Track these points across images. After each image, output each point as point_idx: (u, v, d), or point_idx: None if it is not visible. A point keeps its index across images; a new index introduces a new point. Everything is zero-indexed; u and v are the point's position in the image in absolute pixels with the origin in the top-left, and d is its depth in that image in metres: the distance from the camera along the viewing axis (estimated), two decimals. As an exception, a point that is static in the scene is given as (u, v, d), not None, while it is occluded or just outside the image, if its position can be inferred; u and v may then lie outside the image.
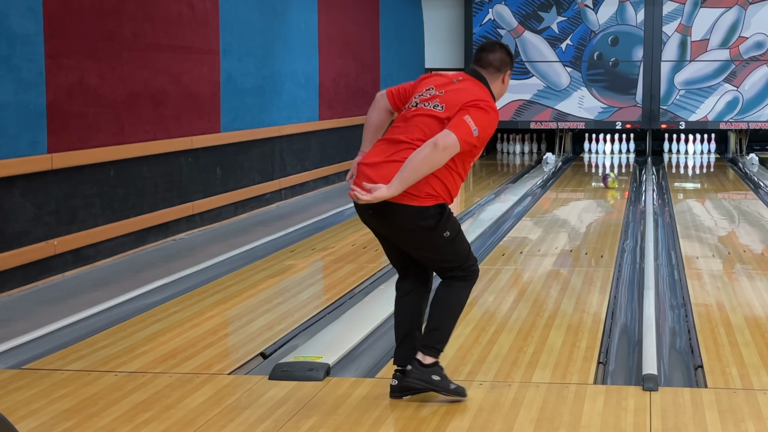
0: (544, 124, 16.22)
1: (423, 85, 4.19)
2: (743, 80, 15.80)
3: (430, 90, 4.13)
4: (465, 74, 4.21)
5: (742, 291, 6.27)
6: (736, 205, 10.72)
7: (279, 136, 10.77)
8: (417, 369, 4.07)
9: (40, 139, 6.70)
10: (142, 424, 3.94)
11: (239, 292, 6.37)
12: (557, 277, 6.69)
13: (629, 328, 5.44)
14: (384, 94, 4.30)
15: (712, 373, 4.54)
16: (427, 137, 3.95)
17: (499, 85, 4.23)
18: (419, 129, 4.02)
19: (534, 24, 16.05)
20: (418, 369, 4.07)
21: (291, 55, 11.12)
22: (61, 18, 6.87)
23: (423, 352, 4.08)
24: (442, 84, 4.14)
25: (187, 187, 8.72)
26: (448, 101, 4.05)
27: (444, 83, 4.15)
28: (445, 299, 4.11)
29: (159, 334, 5.31)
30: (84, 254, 7.18)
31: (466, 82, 4.14)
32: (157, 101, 8.23)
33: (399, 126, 4.11)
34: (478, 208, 10.15)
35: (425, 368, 4.07)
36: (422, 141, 3.96)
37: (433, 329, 4.10)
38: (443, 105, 4.05)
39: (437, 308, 4.12)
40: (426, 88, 4.15)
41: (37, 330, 5.35)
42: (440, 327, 4.10)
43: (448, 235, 4.03)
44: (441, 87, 4.12)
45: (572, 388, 4.31)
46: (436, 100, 4.09)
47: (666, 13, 15.87)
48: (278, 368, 4.53)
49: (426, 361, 4.07)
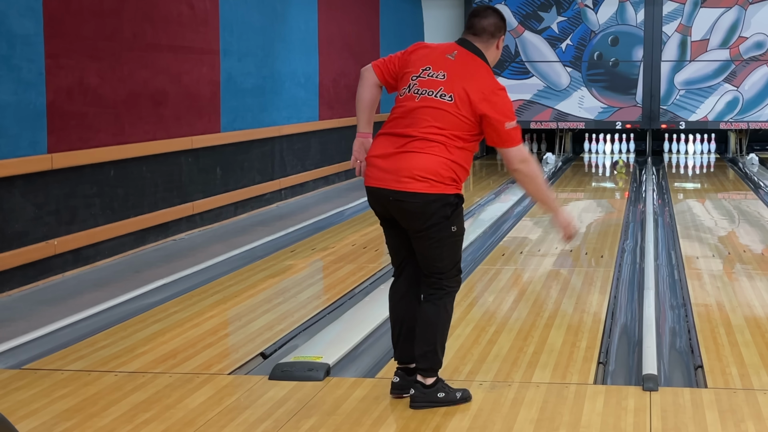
0: (544, 124, 16.22)
1: (416, 62, 4.03)
2: (743, 80, 15.79)
3: (428, 71, 3.99)
4: (457, 46, 4.05)
5: (742, 291, 6.27)
6: (736, 205, 10.72)
7: (279, 136, 10.78)
8: (421, 392, 4.03)
9: (40, 139, 6.70)
10: (142, 424, 3.94)
11: (239, 292, 6.37)
12: (557, 277, 6.69)
13: (629, 328, 5.44)
14: (370, 69, 4.13)
15: (712, 373, 4.54)
16: (439, 129, 3.89)
17: (494, 51, 4.10)
18: (428, 121, 3.92)
19: (534, 24, 16.05)
20: (423, 392, 4.03)
21: (291, 55, 11.12)
22: (61, 18, 6.87)
23: (423, 375, 4.03)
24: (439, 63, 3.99)
25: (187, 187, 8.72)
26: (456, 91, 3.93)
27: (440, 62, 4.00)
28: (435, 320, 4.01)
29: (159, 334, 5.31)
30: (84, 254, 7.18)
31: (463, 58, 4.00)
32: (157, 101, 8.23)
33: (403, 118, 3.98)
34: (478, 208, 10.15)
35: (429, 389, 4.04)
36: (436, 132, 3.90)
37: (428, 351, 4.01)
38: (451, 95, 3.93)
39: (428, 329, 4.01)
40: (422, 68, 4.00)
41: (37, 330, 5.35)
42: (434, 346, 4.01)
43: (455, 230, 3.99)
44: (439, 67, 3.98)
45: (572, 388, 4.31)
46: (440, 87, 3.95)
47: (666, 13, 15.87)
48: (278, 368, 4.53)
49: (428, 382, 4.03)
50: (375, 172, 3.99)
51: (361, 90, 4.15)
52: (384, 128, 4.06)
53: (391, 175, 3.93)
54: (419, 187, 3.88)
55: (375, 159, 3.99)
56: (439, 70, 3.98)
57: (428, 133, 3.91)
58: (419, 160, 3.90)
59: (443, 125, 3.91)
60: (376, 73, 4.11)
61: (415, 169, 3.89)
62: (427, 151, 3.91)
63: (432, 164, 3.90)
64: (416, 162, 3.90)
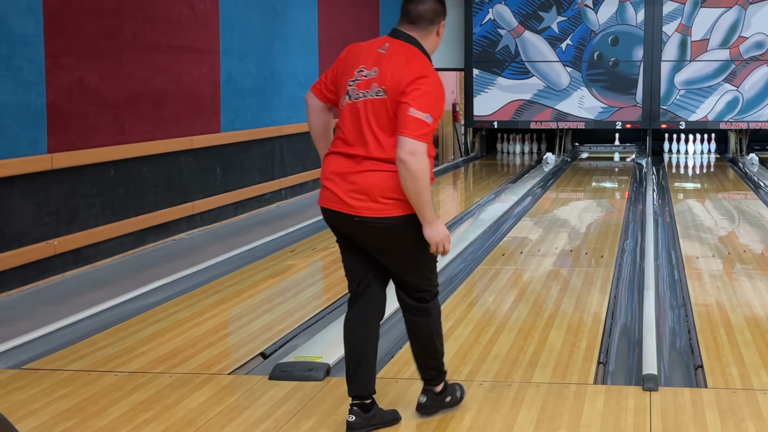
0: (544, 124, 16.22)
1: (351, 66, 3.71)
2: (743, 80, 15.78)
3: (362, 71, 3.67)
4: (391, 38, 3.73)
5: (742, 291, 6.27)
6: (736, 205, 10.72)
7: (279, 136, 10.78)
8: (432, 400, 3.95)
9: (40, 139, 6.70)
10: (142, 424, 3.94)
11: (239, 292, 6.36)
12: (557, 277, 6.69)
13: (629, 328, 5.44)
14: (310, 93, 3.85)
15: (712, 373, 4.54)
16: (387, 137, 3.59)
17: (434, 39, 3.77)
18: (373, 131, 3.61)
19: (534, 24, 16.05)
20: (434, 399, 3.96)
21: (291, 55, 11.12)
22: (61, 18, 6.87)
23: (433, 384, 3.92)
24: (372, 59, 3.67)
25: (187, 187, 8.72)
26: (387, 83, 3.61)
27: (373, 58, 3.67)
28: (428, 330, 3.83)
29: (159, 334, 5.31)
30: (84, 254, 7.19)
31: (395, 49, 3.67)
32: (157, 101, 8.23)
33: (350, 132, 3.67)
34: (478, 208, 10.15)
35: (439, 395, 3.97)
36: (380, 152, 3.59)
37: (427, 363, 3.89)
38: (383, 88, 3.61)
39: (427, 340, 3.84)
40: (357, 71, 3.68)
41: (37, 330, 5.35)
42: (435, 356, 3.88)
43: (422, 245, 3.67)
44: (372, 64, 3.66)
45: (572, 388, 4.31)
46: (374, 84, 3.63)
47: (666, 13, 15.87)
48: (278, 368, 4.53)
49: (438, 389, 3.95)
50: (329, 193, 3.70)
51: (309, 119, 3.89)
52: (333, 146, 3.75)
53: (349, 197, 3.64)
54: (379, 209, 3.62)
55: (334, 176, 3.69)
56: (372, 67, 3.66)
57: (376, 147, 3.61)
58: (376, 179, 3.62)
59: (386, 126, 3.60)
60: (317, 96, 3.84)
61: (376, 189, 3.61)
62: (382, 168, 3.61)
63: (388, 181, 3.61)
64: (373, 181, 3.61)
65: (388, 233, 3.66)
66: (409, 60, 3.64)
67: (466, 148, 16.80)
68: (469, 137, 16.68)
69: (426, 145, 3.54)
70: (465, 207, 10.43)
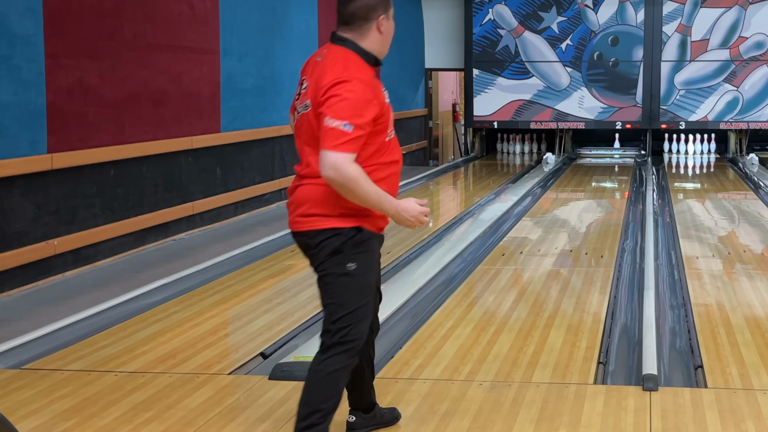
0: (544, 124, 16.22)
1: (301, 81, 3.48)
2: (743, 80, 15.79)
3: (303, 85, 3.43)
4: (329, 44, 3.46)
5: (742, 291, 6.27)
6: (736, 205, 10.72)
7: (279, 136, 10.77)
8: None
9: (40, 139, 6.70)
10: (142, 424, 3.94)
11: (239, 292, 6.36)
12: (557, 277, 6.69)
13: (629, 328, 5.44)
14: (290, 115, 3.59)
15: (712, 373, 4.54)
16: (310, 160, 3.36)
17: (376, 37, 3.41)
18: (304, 151, 3.39)
19: (534, 24, 16.05)
20: None
21: (291, 55, 11.12)
22: (61, 18, 6.87)
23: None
24: (309, 71, 3.43)
25: (187, 187, 8.72)
26: (310, 94, 3.35)
27: (310, 68, 3.43)
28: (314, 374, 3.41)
29: (159, 334, 5.31)
30: (84, 254, 7.19)
31: (327, 56, 3.39)
32: (157, 101, 8.23)
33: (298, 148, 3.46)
34: (478, 208, 10.15)
35: None
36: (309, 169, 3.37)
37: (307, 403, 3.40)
38: (308, 101, 3.35)
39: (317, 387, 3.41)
40: (300, 85, 3.46)
41: (37, 330, 5.35)
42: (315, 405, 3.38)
43: (352, 269, 3.39)
44: (309, 76, 3.40)
45: (572, 388, 4.31)
46: (306, 98, 3.38)
47: (666, 13, 15.87)
48: (278, 368, 4.53)
49: None
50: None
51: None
52: None
53: (291, 214, 3.48)
54: (307, 223, 3.41)
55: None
56: (309, 79, 3.40)
57: (307, 164, 3.38)
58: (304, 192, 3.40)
59: (313, 141, 3.34)
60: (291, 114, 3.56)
61: (304, 203, 3.39)
62: (312, 183, 3.37)
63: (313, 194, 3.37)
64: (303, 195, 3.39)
65: (315, 248, 3.48)
66: (332, 66, 3.32)
67: (466, 148, 16.81)
68: (469, 137, 16.69)
69: (348, 154, 3.21)
70: (465, 207, 10.43)
